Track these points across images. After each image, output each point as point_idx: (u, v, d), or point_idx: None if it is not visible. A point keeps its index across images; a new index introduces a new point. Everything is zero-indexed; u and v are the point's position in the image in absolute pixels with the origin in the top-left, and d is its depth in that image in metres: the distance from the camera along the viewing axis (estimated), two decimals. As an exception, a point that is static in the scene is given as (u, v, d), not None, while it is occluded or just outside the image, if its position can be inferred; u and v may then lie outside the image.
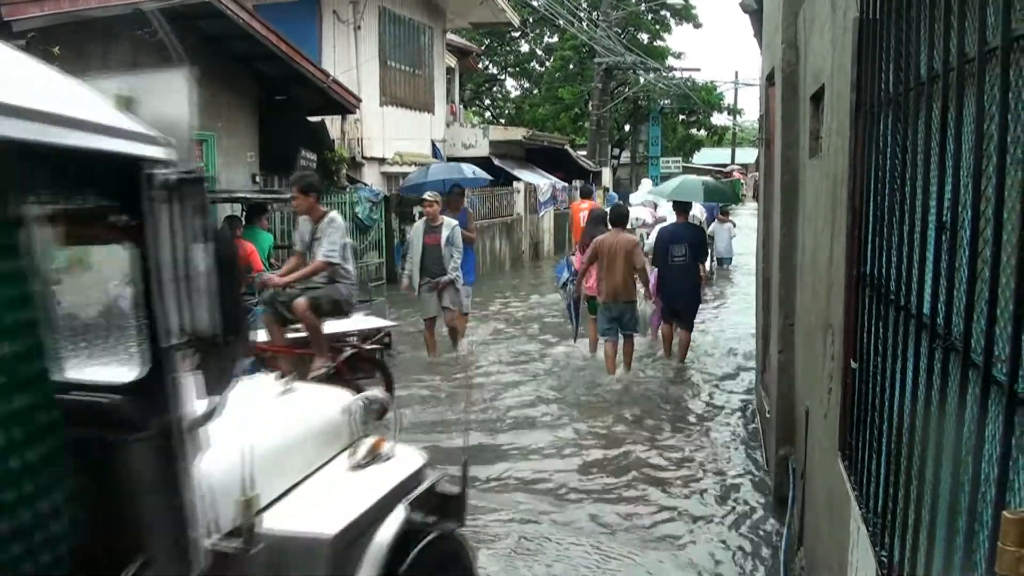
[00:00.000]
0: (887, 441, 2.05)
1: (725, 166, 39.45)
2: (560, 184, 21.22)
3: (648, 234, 10.39)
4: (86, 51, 8.45)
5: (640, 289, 8.23)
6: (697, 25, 33.55)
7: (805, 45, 4.38)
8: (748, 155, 40.28)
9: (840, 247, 2.87)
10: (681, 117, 35.71)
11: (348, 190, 13.45)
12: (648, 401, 7.39)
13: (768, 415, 5.53)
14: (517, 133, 21.73)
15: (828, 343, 3.18)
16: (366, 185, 14.48)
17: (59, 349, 1.75)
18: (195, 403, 1.84)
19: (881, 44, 2.27)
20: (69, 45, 7.79)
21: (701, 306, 9.46)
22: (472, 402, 7.10)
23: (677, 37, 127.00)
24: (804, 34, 4.42)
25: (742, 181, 35.88)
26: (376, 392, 3.44)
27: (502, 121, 32.71)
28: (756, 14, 8.00)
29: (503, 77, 37.54)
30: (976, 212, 1.43)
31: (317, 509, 2.42)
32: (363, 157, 15.18)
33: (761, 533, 4.72)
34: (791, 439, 4.66)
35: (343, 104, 12.57)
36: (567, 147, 23.80)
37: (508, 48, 35.64)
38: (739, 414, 7.07)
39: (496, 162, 18.81)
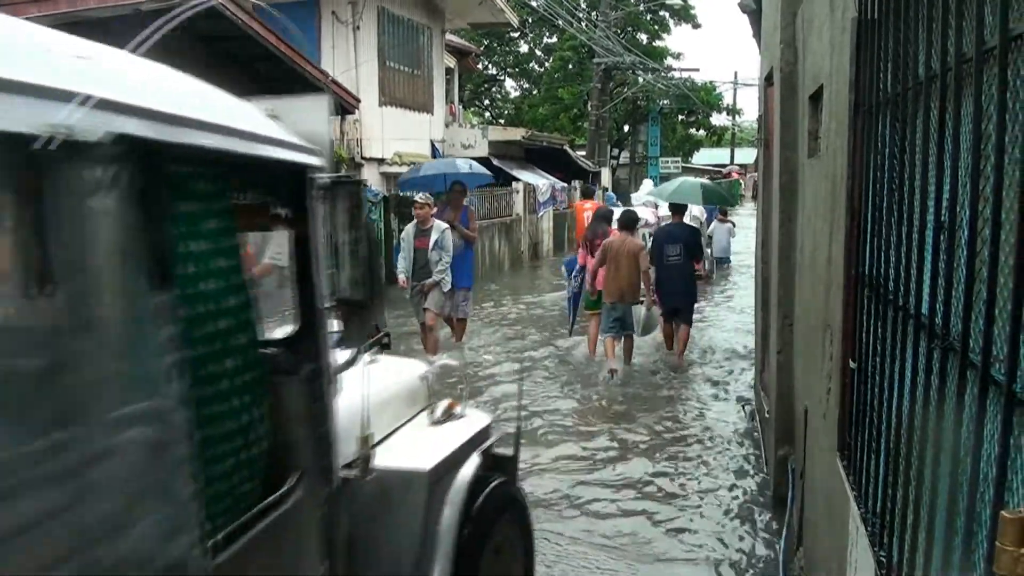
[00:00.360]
0: (886, 441, 2.05)
1: (724, 167, 39.42)
2: (559, 184, 21.19)
3: (651, 234, 10.43)
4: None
5: (644, 293, 8.25)
6: (696, 25, 33.58)
7: (804, 45, 4.38)
8: (747, 155, 40.27)
9: (839, 247, 2.86)
10: (680, 117, 35.74)
11: (347, 190, 13.42)
12: (646, 400, 7.40)
13: (767, 415, 5.53)
14: (516, 133, 21.67)
15: (827, 343, 3.18)
16: (365, 185, 14.47)
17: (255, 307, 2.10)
18: (338, 354, 2.30)
19: (879, 44, 2.28)
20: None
21: (700, 305, 9.47)
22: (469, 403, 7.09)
23: (676, 37, 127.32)
24: (802, 34, 4.42)
25: (741, 182, 35.84)
26: (450, 361, 3.79)
27: (501, 121, 32.70)
28: (755, 14, 7.99)
29: (502, 77, 37.55)
30: (974, 212, 1.43)
31: (412, 451, 2.93)
32: (362, 157, 15.17)
33: (760, 533, 4.72)
34: (790, 439, 4.66)
35: (342, 104, 12.56)
36: (566, 147, 23.77)
37: (507, 48, 35.64)
38: (738, 414, 7.07)
39: (495, 162, 18.76)
